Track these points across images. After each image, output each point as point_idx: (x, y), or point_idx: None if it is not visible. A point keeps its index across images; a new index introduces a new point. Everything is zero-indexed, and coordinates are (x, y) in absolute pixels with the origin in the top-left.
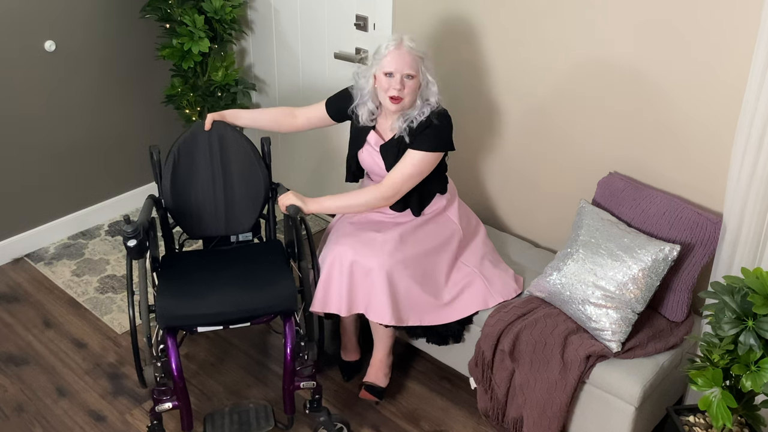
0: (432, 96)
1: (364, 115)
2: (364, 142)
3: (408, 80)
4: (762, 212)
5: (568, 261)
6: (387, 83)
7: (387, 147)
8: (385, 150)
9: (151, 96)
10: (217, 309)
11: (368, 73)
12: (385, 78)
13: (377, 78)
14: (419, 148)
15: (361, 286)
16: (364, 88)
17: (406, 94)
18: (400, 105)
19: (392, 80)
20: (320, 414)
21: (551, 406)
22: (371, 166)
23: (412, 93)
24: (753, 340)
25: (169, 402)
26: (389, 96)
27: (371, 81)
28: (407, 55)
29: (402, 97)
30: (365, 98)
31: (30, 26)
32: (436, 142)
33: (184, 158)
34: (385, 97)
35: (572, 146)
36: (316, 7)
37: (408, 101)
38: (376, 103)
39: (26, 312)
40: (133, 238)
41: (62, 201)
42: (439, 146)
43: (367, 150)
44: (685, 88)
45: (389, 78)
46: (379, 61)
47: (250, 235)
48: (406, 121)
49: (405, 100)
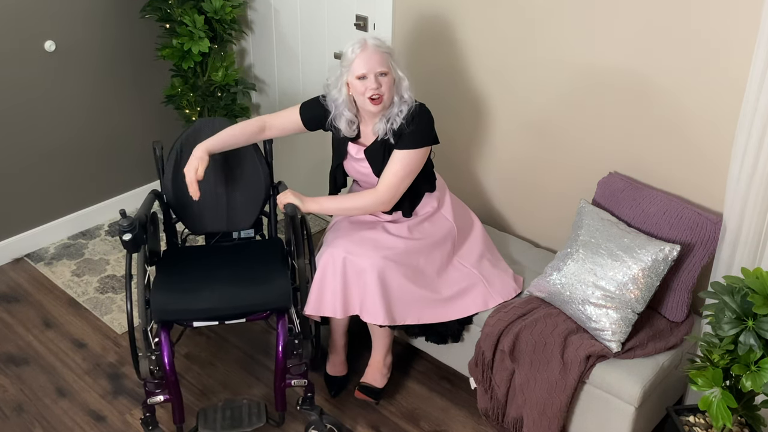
0: (405, 91)
1: (343, 126)
2: (345, 155)
3: (382, 78)
4: (762, 212)
5: (568, 261)
6: (362, 86)
7: (372, 151)
8: (370, 154)
9: (151, 96)
10: (210, 304)
11: (339, 83)
12: (359, 82)
13: (351, 85)
14: (406, 147)
15: (354, 286)
16: (338, 99)
17: (384, 91)
18: (381, 104)
19: (367, 81)
20: (312, 413)
21: (551, 406)
22: (357, 175)
23: (390, 89)
24: (753, 340)
25: (161, 395)
26: (368, 98)
27: (344, 90)
28: (375, 53)
29: (381, 95)
30: (340, 108)
31: (30, 26)
32: (421, 138)
33: (186, 154)
34: (365, 101)
35: (572, 146)
36: (316, 7)
37: (387, 98)
38: (354, 111)
39: (26, 312)
40: (128, 231)
41: (62, 201)
42: (425, 141)
43: (349, 162)
44: (685, 88)
45: (363, 81)
46: (349, 66)
47: (252, 232)
48: (388, 122)
49: (384, 97)
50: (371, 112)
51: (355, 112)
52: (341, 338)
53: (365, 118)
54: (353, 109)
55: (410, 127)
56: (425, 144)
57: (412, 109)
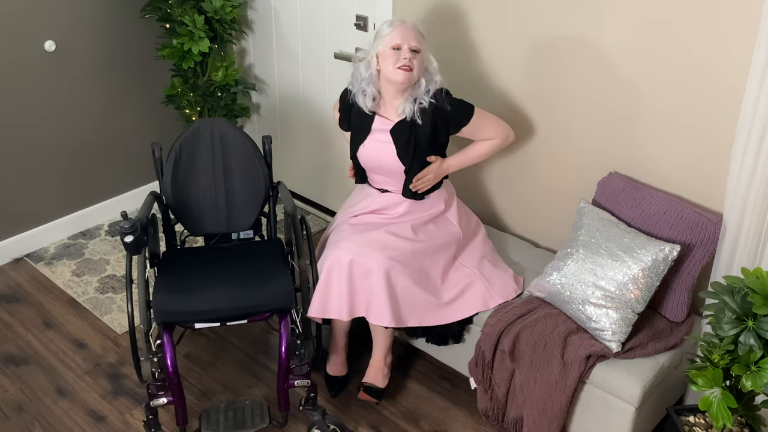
0: (435, 74)
1: (363, 102)
2: (369, 132)
3: (414, 54)
4: (762, 212)
5: (568, 261)
6: (395, 56)
7: (398, 130)
8: (395, 133)
9: (151, 96)
10: (212, 306)
11: (369, 55)
12: (392, 52)
13: (381, 56)
14: (467, 118)
15: (360, 287)
16: (363, 74)
17: (416, 65)
18: (408, 76)
19: (401, 52)
20: (315, 413)
21: (551, 406)
22: (374, 156)
23: (419, 67)
24: (753, 340)
25: (164, 397)
26: (399, 66)
27: (373, 63)
28: (412, 29)
29: (412, 67)
30: (364, 84)
31: (30, 26)
32: (464, 106)
33: (185, 155)
34: (394, 70)
35: (572, 146)
36: (316, 7)
37: (416, 73)
38: (378, 87)
39: (26, 312)
40: (129, 234)
41: (62, 201)
42: (470, 106)
43: (373, 139)
44: (685, 87)
45: (397, 52)
46: (383, 37)
47: (251, 232)
48: (415, 101)
49: (415, 71)
50: (398, 83)
51: (378, 89)
52: (342, 339)
53: (385, 98)
54: (378, 85)
55: (450, 108)
56: (472, 107)
57: (440, 94)
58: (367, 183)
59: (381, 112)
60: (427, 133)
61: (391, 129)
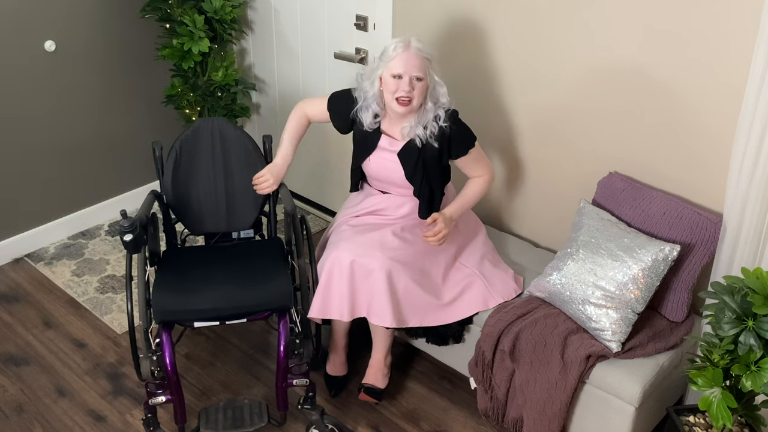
0: (442, 97)
1: (367, 119)
2: (375, 147)
3: (416, 82)
4: (762, 212)
5: (568, 261)
6: (395, 85)
7: (406, 153)
8: (403, 156)
9: (151, 96)
10: (211, 304)
11: (374, 75)
12: (392, 80)
13: (384, 80)
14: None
15: (362, 288)
16: (368, 91)
17: (415, 95)
18: (408, 108)
19: (401, 82)
20: (313, 413)
21: (551, 406)
22: (379, 172)
23: (420, 95)
24: (753, 340)
25: (163, 396)
26: (397, 98)
27: (377, 83)
28: (415, 57)
29: (411, 98)
30: (369, 101)
31: (30, 26)
32: (469, 136)
33: (185, 154)
34: (392, 99)
35: (572, 146)
36: (316, 7)
37: (416, 103)
38: (381, 105)
39: (26, 312)
40: (129, 232)
41: (62, 201)
42: (473, 137)
43: (378, 155)
44: (685, 88)
45: (397, 80)
46: (387, 63)
47: (252, 232)
48: (424, 127)
49: (413, 102)
50: (396, 113)
51: (382, 107)
52: (342, 339)
53: (391, 117)
54: (381, 103)
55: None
56: (474, 138)
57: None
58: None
59: (386, 129)
60: (435, 156)
61: (399, 152)
